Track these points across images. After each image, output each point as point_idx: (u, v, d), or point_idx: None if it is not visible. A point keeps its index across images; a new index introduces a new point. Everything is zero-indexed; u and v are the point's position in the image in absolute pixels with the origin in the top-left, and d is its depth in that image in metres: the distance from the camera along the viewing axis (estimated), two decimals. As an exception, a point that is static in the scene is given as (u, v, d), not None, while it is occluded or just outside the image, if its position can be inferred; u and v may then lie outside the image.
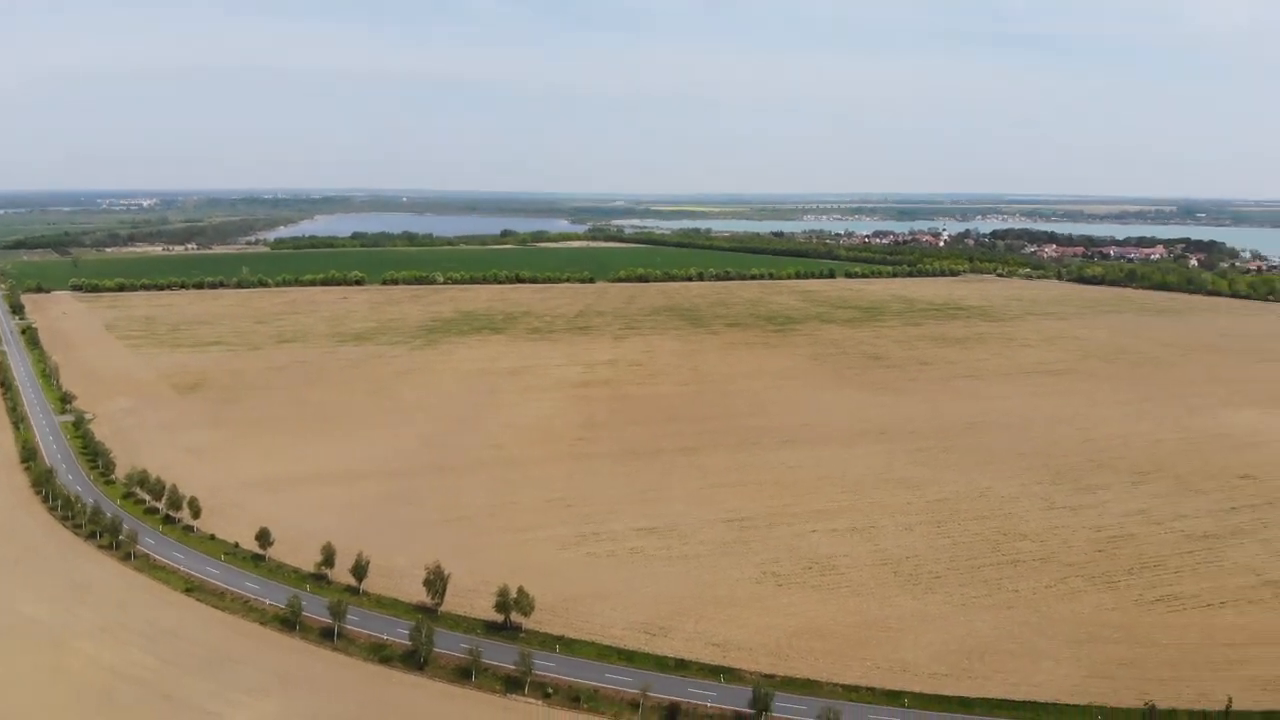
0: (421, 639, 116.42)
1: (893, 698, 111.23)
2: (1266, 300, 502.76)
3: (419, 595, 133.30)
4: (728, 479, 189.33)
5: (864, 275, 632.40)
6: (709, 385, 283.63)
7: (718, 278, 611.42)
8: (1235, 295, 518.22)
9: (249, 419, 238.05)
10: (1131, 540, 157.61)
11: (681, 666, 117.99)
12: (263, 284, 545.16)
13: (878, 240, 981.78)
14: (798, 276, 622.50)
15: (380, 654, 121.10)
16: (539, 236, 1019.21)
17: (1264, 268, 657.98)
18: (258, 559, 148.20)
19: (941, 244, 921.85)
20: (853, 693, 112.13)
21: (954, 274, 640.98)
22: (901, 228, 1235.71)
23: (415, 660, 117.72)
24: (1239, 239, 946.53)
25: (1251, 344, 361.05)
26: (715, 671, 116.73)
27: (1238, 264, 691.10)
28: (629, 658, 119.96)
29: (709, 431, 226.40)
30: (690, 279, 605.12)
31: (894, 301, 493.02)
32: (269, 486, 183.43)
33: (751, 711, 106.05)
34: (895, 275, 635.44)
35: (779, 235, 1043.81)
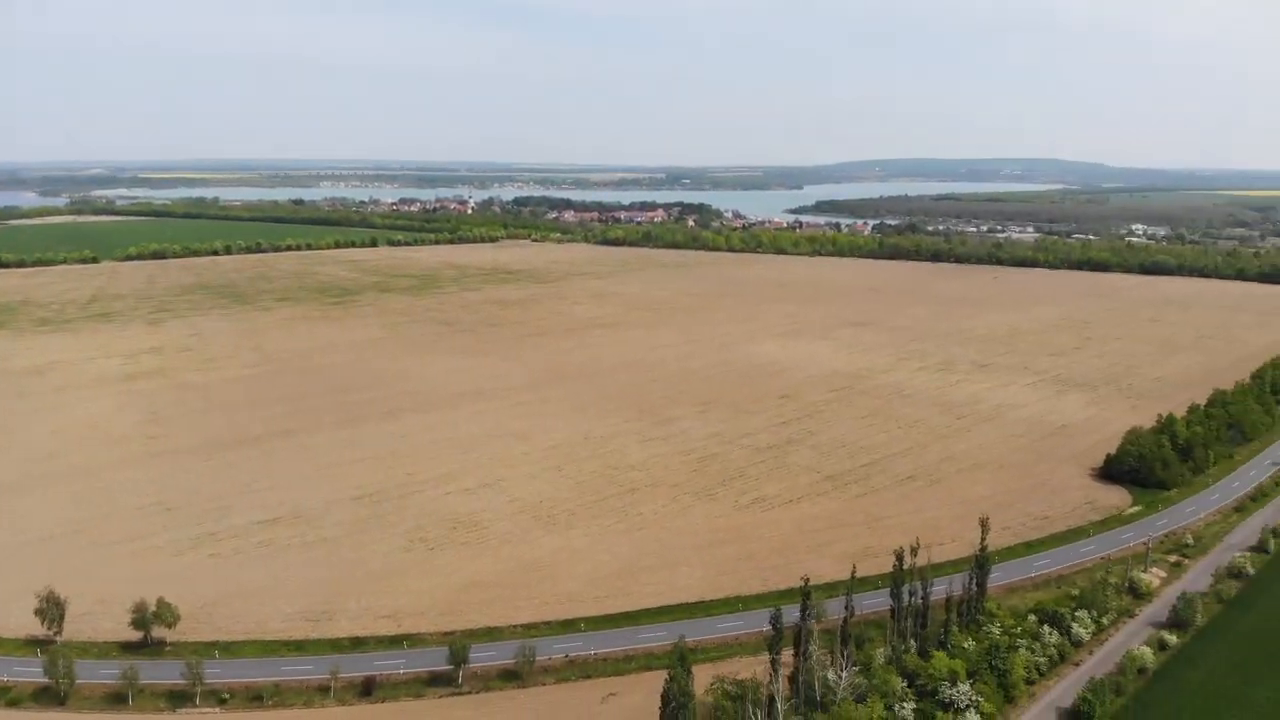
0: (59, 672, 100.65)
1: (569, 626, 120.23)
2: (755, 251, 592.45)
3: (27, 628, 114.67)
4: (341, 457, 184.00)
5: (408, 243, 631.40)
6: (283, 364, 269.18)
7: (248, 250, 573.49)
8: (731, 249, 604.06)
9: None
10: (715, 458, 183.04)
11: (359, 644, 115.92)
12: None
13: (406, 208, 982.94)
14: (338, 246, 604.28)
15: (5, 698, 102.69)
16: (8, 213, 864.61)
17: (746, 224, 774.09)
18: None
19: (470, 210, 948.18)
20: (532, 630, 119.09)
21: (494, 240, 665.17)
22: (425, 195, 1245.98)
23: (54, 696, 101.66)
24: (720, 201, 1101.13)
25: (753, 289, 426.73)
26: (396, 641, 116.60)
27: (725, 222, 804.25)
28: (299, 647, 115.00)
29: (302, 411, 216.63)
30: (217, 253, 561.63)
31: (446, 269, 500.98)
32: None
33: (449, 668, 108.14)
34: (439, 243, 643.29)
35: (300, 203, 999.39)
